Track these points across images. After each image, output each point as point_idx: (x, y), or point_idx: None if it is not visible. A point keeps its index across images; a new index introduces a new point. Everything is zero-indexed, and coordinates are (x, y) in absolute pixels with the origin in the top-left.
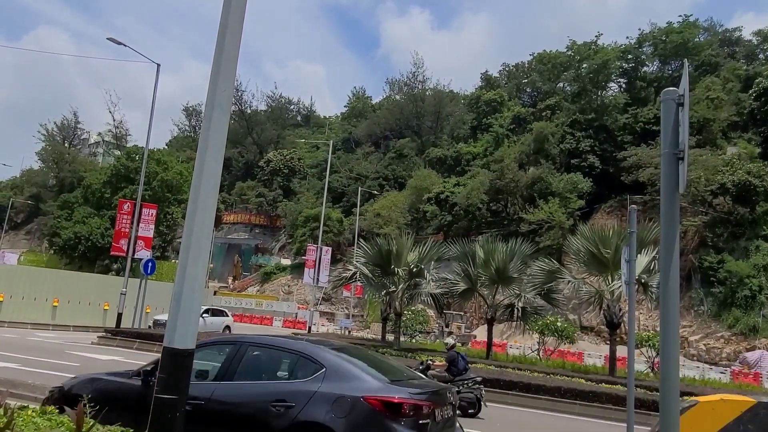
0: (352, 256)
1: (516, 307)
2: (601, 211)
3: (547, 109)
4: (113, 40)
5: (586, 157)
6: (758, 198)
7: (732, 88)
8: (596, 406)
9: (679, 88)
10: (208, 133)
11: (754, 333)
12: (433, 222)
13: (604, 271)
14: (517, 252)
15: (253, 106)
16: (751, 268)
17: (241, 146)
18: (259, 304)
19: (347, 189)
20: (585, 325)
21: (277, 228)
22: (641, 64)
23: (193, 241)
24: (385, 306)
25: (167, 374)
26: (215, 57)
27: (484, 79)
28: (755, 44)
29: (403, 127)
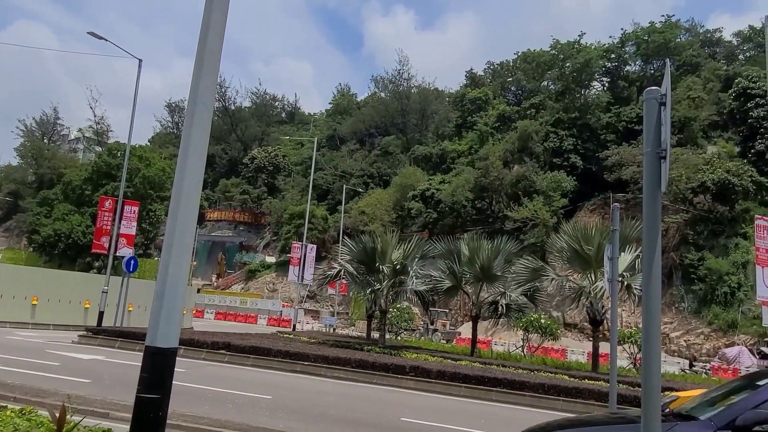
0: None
1: (500, 305)
2: (584, 209)
3: (532, 108)
4: (94, 34)
5: (569, 156)
6: (737, 196)
7: (712, 88)
8: (579, 402)
9: (661, 87)
10: (191, 129)
11: (733, 329)
12: (418, 219)
13: (587, 268)
14: (502, 250)
15: (237, 102)
16: (730, 265)
17: (224, 143)
18: (244, 302)
19: (332, 186)
20: (568, 322)
21: (262, 225)
22: (624, 64)
23: (176, 238)
24: (370, 303)
25: (149, 373)
26: (198, 53)
27: (469, 77)
28: (735, 45)
29: (388, 125)
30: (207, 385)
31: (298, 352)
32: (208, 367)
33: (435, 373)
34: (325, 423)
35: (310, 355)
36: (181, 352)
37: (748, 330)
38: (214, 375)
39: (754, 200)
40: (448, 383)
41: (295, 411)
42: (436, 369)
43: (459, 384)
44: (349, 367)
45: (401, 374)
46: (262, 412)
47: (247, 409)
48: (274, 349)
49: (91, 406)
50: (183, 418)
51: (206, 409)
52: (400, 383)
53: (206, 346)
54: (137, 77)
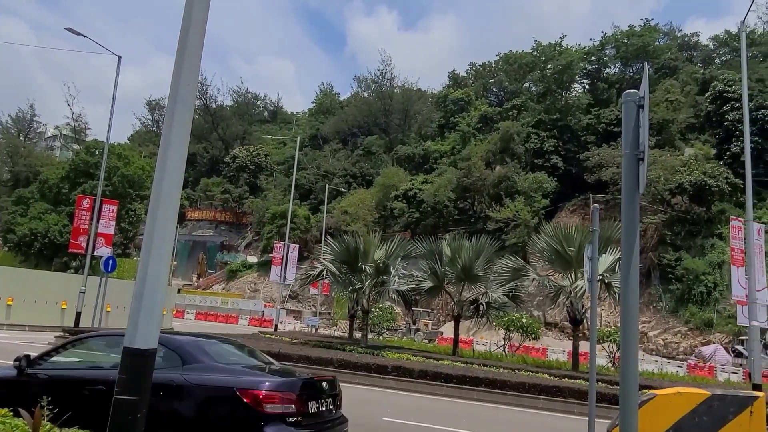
0: (320, 253)
1: (482, 304)
2: (565, 210)
3: (514, 109)
4: (71, 30)
5: (550, 157)
6: (713, 197)
7: (690, 91)
8: (559, 400)
9: (639, 90)
10: (171, 128)
11: (709, 328)
12: (401, 219)
13: (567, 268)
14: (484, 250)
15: (218, 101)
16: (706, 265)
17: (206, 141)
18: (225, 302)
19: (315, 186)
20: (549, 322)
21: (244, 225)
22: (604, 66)
23: (155, 238)
24: (352, 303)
25: (128, 375)
26: (178, 51)
27: (451, 78)
28: (712, 49)
29: (371, 125)
30: None
31: (279, 353)
32: None
33: (417, 373)
34: None
35: (292, 355)
36: None
37: (723, 329)
38: None
39: (729, 201)
40: (430, 383)
41: None
42: (418, 368)
43: (441, 383)
44: (331, 367)
45: (383, 374)
46: None
47: None
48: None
49: None
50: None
51: None
52: (382, 383)
53: None
54: (116, 74)
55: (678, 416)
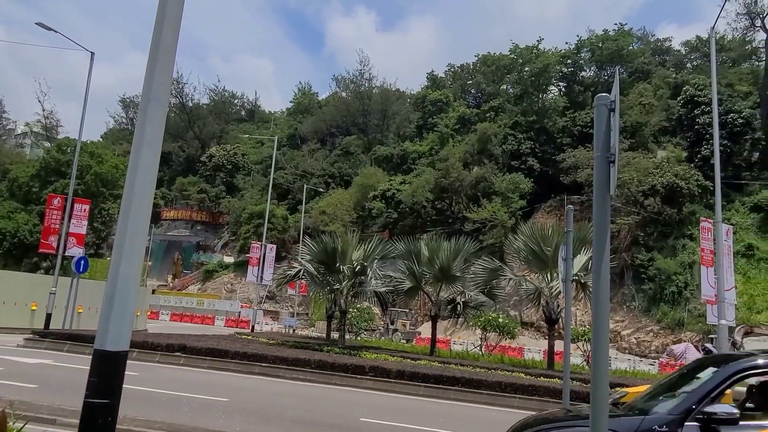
0: (297, 253)
1: (459, 304)
2: (541, 211)
3: (491, 111)
4: (42, 25)
5: (526, 159)
6: (684, 199)
7: (662, 95)
8: (535, 399)
9: (611, 94)
10: (144, 126)
11: (680, 327)
12: (379, 219)
13: (543, 268)
14: (461, 250)
15: (194, 99)
16: (678, 265)
17: (181, 140)
18: (201, 303)
19: (293, 186)
20: (525, 321)
21: (220, 225)
22: (580, 69)
23: (128, 238)
24: (330, 304)
25: (98, 377)
26: (152, 48)
27: (430, 79)
28: (683, 54)
29: (349, 125)
30: (161, 388)
31: (256, 354)
32: (163, 369)
33: (394, 373)
34: (283, 424)
35: (269, 356)
36: (134, 355)
37: (693, 327)
38: (168, 378)
39: (699, 203)
40: (408, 383)
41: (252, 413)
42: (396, 369)
43: (418, 383)
44: (309, 368)
45: (361, 374)
46: (218, 414)
47: (203, 412)
48: (232, 351)
49: (37, 412)
50: (135, 423)
51: (160, 413)
52: (360, 383)
53: (161, 348)
54: (89, 71)
55: None
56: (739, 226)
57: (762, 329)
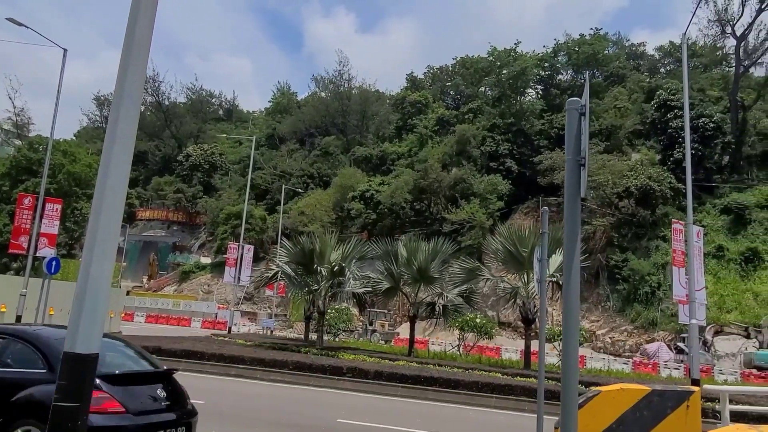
0: (276, 254)
1: (437, 305)
2: (519, 212)
3: (470, 112)
4: (13, 20)
5: (504, 161)
6: (657, 201)
7: (636, 99)
8: (511, 398)
9: (581, 98)
10: (117, 124)
11: (653, 326)
12: (358, 220)
13: (520, 269)
14: (440, 251)
15: (171, 97)
16: (651, 266)
17: (158, 139)
18: (177, 304)
19: (271, 186)
20: (503, 321)
21: (197, 225)
22: (557, 73)
23: (99, 239)
24: (308, 305)
25: (68, 380)
26: (125, 45)
27: (409, 80)
28: (657, 59)
29: (328, 125)
30: None
31: (233, 355)
32: None
33: (372, 374)
34: (260, 426)
35: (246, 357)
36: None
37: (666, 327)
38: None
39: (672, 205)
40: (386, 383)
41: (228, 415)
42: (374, 369)
43: (396, 384)
44: (286, 369)
45: (339, 375)
46: None
47: None
48: (208, 353)
49: None
50: None
51: None
52: (338, 384)
53: None
54: (62, 67)
55: (621, 411)
56: (709, 227)
57: (731, 328)
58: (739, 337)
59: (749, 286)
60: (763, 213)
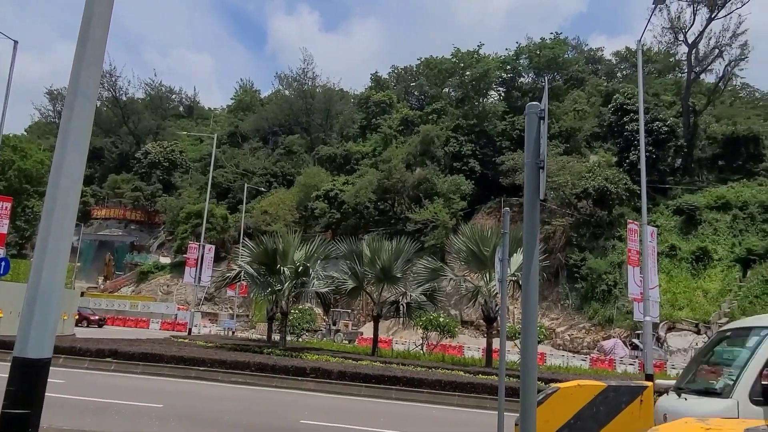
0: (238, 254)
1: (401, 304)
2: (481, 212)
3: (434, 113)
4: None
5: (468, 161)
6: (614, 202)
7: (595, 102)
8: (474, 396)
9: (541, 102)
10: (70, 121)
11: (609, 323)
12: (322, 220)
13: (483, 269)
14: (403, 251)
15: (129, 93)
16: (608, 265)
17: (114, 136)
18: (135, 305)
19: (233, 185)
20: (465, 320)
21: (156, 224)
22: (518, 75)
23: (51, 239)
24: (271, 305)
25: (17, 387)
26: (80, 38)
27: (373, 80)
28: (614, 63)
29: (292, 123)
30: (90, 396)
31: (193, 357)
32: (92, 376)
33: (336, 374)
34: (221, 429)
35: (206, 359)
36: (60, 361)
37: (622, 324)
38: (98, 385)
39: (627, 206)
40: (349, 383)
41: (188, 418)
42: (337, 370)
43: (360, 384)
44: (248, 370)
45: (302, 376)
46: (152, 421)
47: (135, 419)
48: (167, 355)
49: None
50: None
51: (88, 422)
52: (301, 385)
53: (90, 353)
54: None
55: (578, 407)
56: (663, 227)
57: (683, 325)
58: (690, 333)
59: (699, 284)
60: (712, 214)
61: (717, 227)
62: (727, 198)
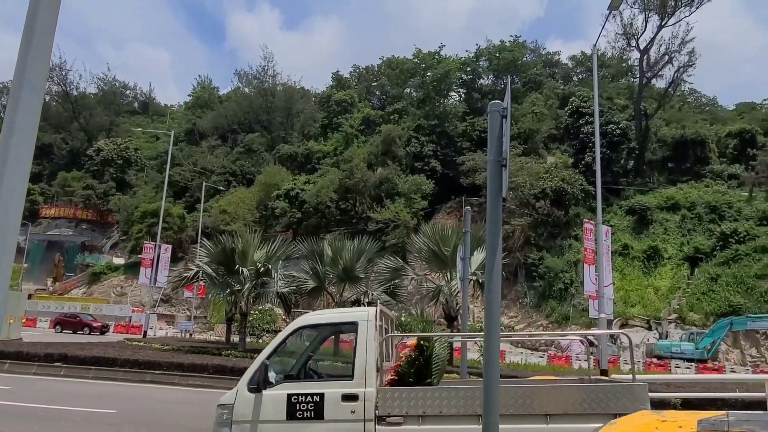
0: (195, 254)
1: (363, 303)
2: (442, 212)
3: (395, 113)
4: None
5: (429, 161)
6: (570, 202)
7: (552, 105)
8: None
9: (503, 101)
10: (15, 115)
11: (566, 321)
12: (283, 219)
13: (443, 268)
14: (365, 250)
15: (80, 87)
16: (564, 264)
17: (65, 132)
18: (86, 307)
19: (191, 183)
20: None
21: (109, 224)
22: (478, 77)
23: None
24: (230, 306)
25: None
26: (26, 29)
27: (335, 79)
28: (570, 67)
29: (252, 122)
30: (38, 402)
31: (148, 361)
32: (41, 382)
33: None
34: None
35: (163, 363)
36: (6, 366)
37: (578, 321)
38: (47, 391)
39: (583, 206)
40: None
41: (143, 423)
42: None
43: None
44: (206, 373)
45: None
46: (105, 428)
47: (87, 426)
48: (121, 359)
49: None
50: None
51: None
52: None
53: (38, 358)
54: None
55: None
56: (616, 227)
57: (635, 321)
58: (642, 329)
59: (650, 281)
60: (662, 214)
61: (667, 227)
62: (677, 199)
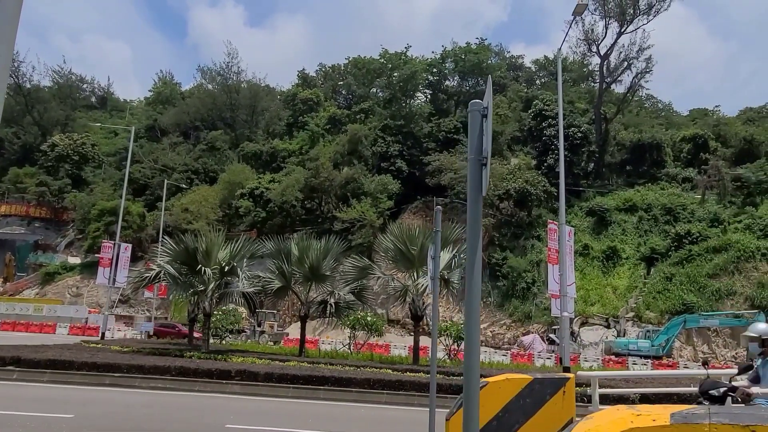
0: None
1: (329, 304)
2: (408, 211)
3: (362, 113)
4: None
5: (395, 161)
6: (533, 203)
7: (516, 107)
8: (402, 393)
9: (483, 100)
10: None
11: (528, 319)
12: (247, 218)
13: (410, 267)
14: (331, 249)
15: (34, 80)
16: (527, 263)
17: (17, 126)
18: (39, 309)
19: (151, 181)
20: (392, 319)
21: (64, 222)
22: (444, 79)
23: None
24: (192, 307)
25: None
26: None
27: (300, 77)
28: (534, 71)
29: (215, 119)
30: None
31: (107, 363)
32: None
33: (262, 376)
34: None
35: (122, 365)
36: None
37: (540, 319)
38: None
39: (546, 207)
40: (276, 385)
41: (103, 428)
42: (264, 371)
43: (287, 385)
44: (168, 375)
45: (226, 379)
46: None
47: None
48: (78, 362)
49: None
50: None
51: None
52: (226, 389)
53: None
54: None
55: (507, 400)
56: (577, 228)
57: (595, 319)
58: (601, 327)
59: (609, 281)
60: (621, 215)
61: (625, 228)
62: (634, 201)
